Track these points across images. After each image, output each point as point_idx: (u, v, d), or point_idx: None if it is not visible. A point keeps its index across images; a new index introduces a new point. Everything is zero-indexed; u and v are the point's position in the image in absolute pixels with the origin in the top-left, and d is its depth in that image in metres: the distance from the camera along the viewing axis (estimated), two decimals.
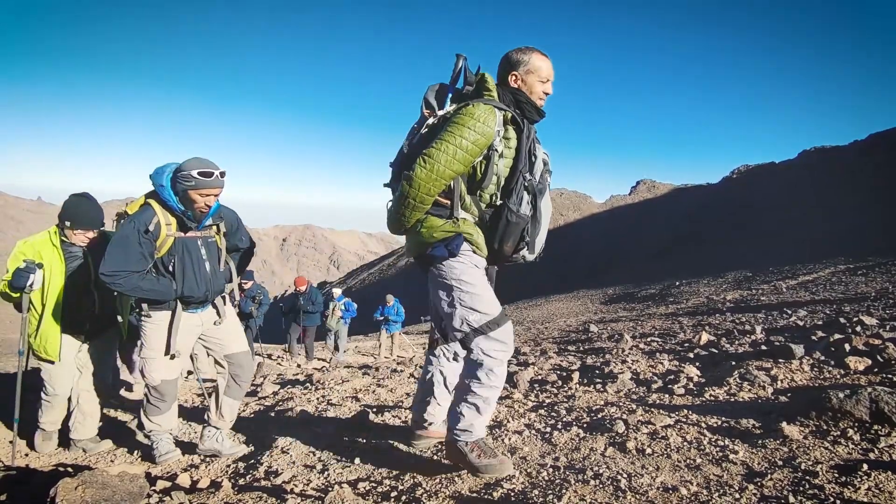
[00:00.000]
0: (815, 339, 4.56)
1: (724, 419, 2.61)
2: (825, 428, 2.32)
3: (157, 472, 2.81)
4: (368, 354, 12.67)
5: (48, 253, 3.09)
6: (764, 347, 4.55)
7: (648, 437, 2.45)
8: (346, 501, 1.98)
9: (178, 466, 2.89)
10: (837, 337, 4.12)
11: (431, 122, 2.25)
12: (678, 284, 19.87)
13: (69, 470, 2.55)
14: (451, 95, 2.31)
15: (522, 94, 2.28)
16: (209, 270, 2.84)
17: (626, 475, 2.05)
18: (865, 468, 1.88)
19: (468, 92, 2.26)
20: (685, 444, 2.34)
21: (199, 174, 2.61)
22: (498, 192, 2.22)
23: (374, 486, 2.18)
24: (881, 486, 1.78)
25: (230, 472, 2.71)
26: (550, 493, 1.95)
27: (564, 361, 5.16)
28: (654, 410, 2.86)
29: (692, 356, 4.59)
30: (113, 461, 3.13)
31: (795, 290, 12.48)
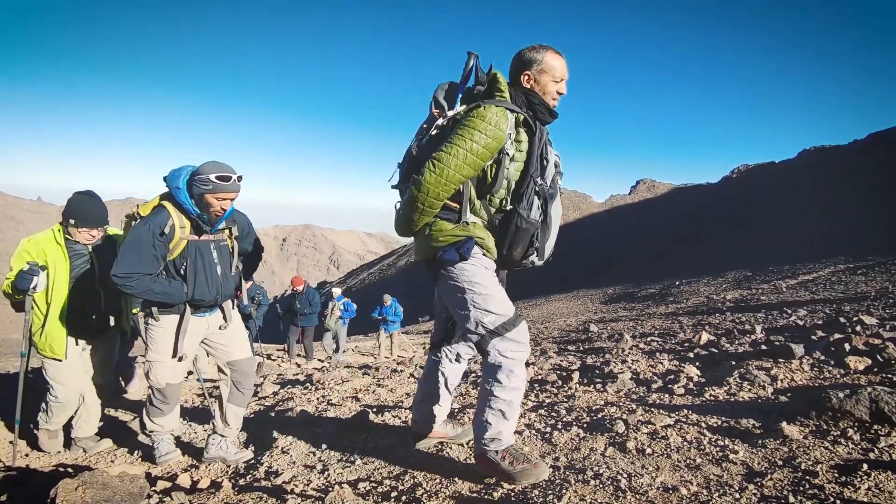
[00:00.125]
0: (815, 338, 4.57)
1: (724, 419, 2.61)
2: (825, 428, 2.32)
3: (157, 472, 2.81)
4: (368, 354, 12.68)
5: (52, 251, 3.08)
6: (764, 347, 4.55)
7: (648, 437, 2.45)
8: (346, 501, 1.98)
9: (178, 467, 2.89)
10: (837, 336, 4.12)
11: (441, 122, 2.19)
12: (678, 284, 19.87)
13: (69, 470, 2.55)
14: (461, 95, 2.24)
15: (535, 94, 2.21)
16: (220, 274, 2.82)
17: (626, 475, 2.05)
18: (865, 468, 1.89)
19: (479, 92, 2.19)
20: (685, 444, 2.34)
21: (216, 178, 2.60)
22: (508, 196, 2.17)
23: (374, 486, 2.18)
24: (881, 485, 1.78)
25: (230, 472, 2.71)
26: (551, 493, 1.95)
27: (564, 361, 5.16)
28: (654, 410, 2.86)
29: (692, 356, 4.59)
30: (113, 461, 3.13)
31: (795, 289, 12.48)
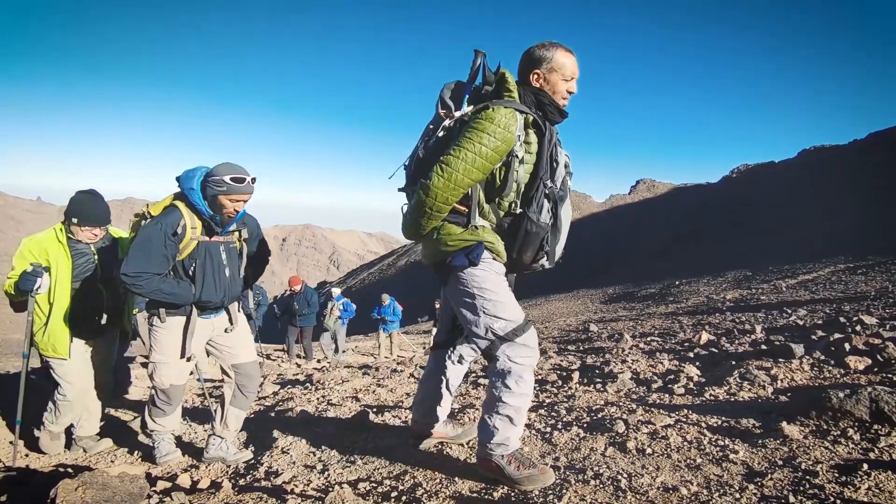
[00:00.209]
0: (814, 338, 4.57)
1: (724, 419, 2.61)
2: (825, 427, 2.32)
3: (157, 472, 2.81)
4: (368, 354, 12.68)
5: (54, 250, 3.07)
6: (764, 347, 4.55)
7: (648, 436, 2.45)
8: (346, 501, 1.98)
9: (178, 467, 2.89)
10: (837, 336, 4.12)
11: (448, 124, 2.14)
12: (678, 284, 19.87)
13: (69, 471, 2.55)
14: (468, 94, 2.18)
15: (545, 94, 2.16)
16: (228, 276, 2.82)
17: (626, 475, 2.05)
18: (865, 468, 1.89)
19: (487, 92, 2.14)
20: (685, 443, 2.34)
21: (231, 180, 2.59)
22: (518, 199, 2.12)
23: (374, 486, 2.18)
24: (881, 485, 1.78)
25: (230, 472, 2.71)
26: (551, 493, 1.95)
27: (564, 361, 5.16)
28: (654, 410, 2.86)
29: (692, 356, 4.59)
30: (113, 461, 3.13)
31: (795, 289, 12.48)
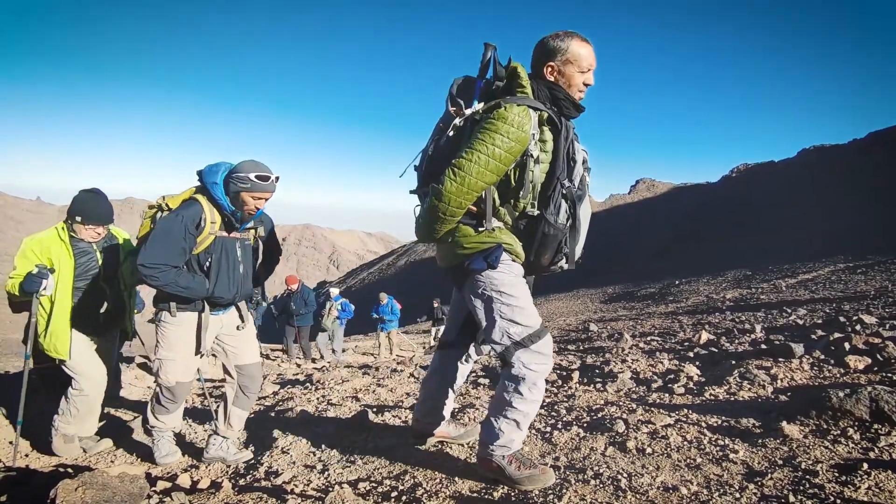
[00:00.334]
0: (814, 337, 4.57)
1: (724, 418, 2.61)
2: (825, 427, 2.32)
3: (157, 472, 2.81)
4: (368, 354, 12.68)
5: (57, 249, 3.06)
6: (764, 346, 4.55)
7: (648, 436, 2.46)
8: (346, 501, 1.98)
9: (178, 467, 2.89)
10: (837, 336, 4.12)
11: (458, 122, 2.06)
12: (678, 283, 19.88)
13: (69, 471, 2.55)
14: (479, 91, 2.08)
15: (560, 88, 2.06)
16: (242, 273, 2.82)
17: (626, 475, 2.05)
18: (865, 467, 1.89)
19: (498, 87, 2.04)
20: (685, 443, 2.34)
21: (256, 177, 2.60)
22: (534, 200, 2.04)
23: (374, 486, 2.18)
24: (881, 485, 1.78)
25: (230, 472, 2.71)
26: (551, 492, 1.95)
27: (564, 361, 5.16)
28: (654, 410, 2.86)
29: (692, 355, 4.59)
30: (113, 461, 3.13)
31: (795, 288, 12.48)
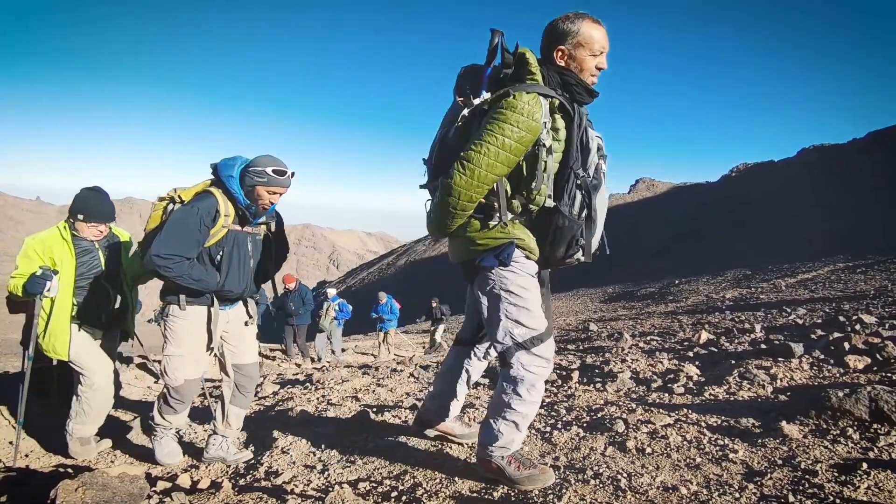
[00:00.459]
0: (814, 337, 4.57)
1: (723, 418, 2.61)
2: (825, 427, 2.32)
3: (157, 472, 2.81)
4: (368, 354, 12.68)
5: (58, 248, 3.05)
6: (763, 346, 4.55)
7: (648, 436, 2.46)
8: (346, 501, 1.98)
9: (178, 467, 2.89)
10: (837, 335, 4.12)
11: (466, 113, 2.00)
12: (677, 283, 19.89)
13: (69, 471, 2.55)
14: (486, 79, 2.02)
15: (571, 73, 1.98)
16: (252, 268, 2.82)
17: (626, 474, 2.05)
18: (865, 467, 1.89)
19: (506, 75, 1.97)
20: (685, 443, 2.34)
21: (273, 171, 2.61)
22: (549, 191, 1.97)
23: (374, 486, 2.18)
24: (881, 484, 1.78)
25: (230, 472, 2.71)
26: (550, 492, 1.95)
27: (564, 360, 5.16)
28: (653, 410, 2.86)
29: (692, 355, 4.60)
30: (113, 461, 3.13)
31: (795, 288, 12.49)
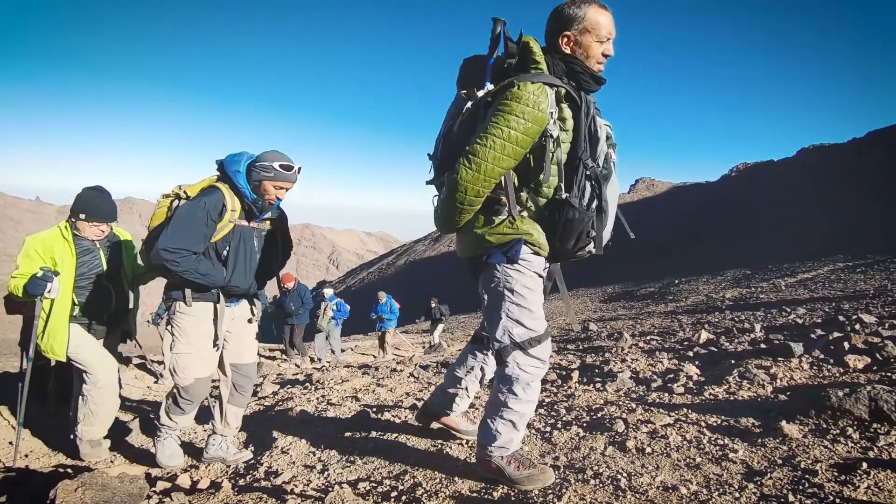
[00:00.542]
0: (814, 337, 4.57)
1: (723, 418, 2.61)
2: (824, 426, 2.32)
3: (156, 472, 2.81)
4: (368, 354, 12.68)
5: (59, 247, 3.04)
6: (763, 346, 4.55)
7: (648, 436, 2.46)
8: (346, 501, 1.98)
9: (178, 468, 2.89)
10: (836, 335, 4.12)
11: (470, 106, 1.97)
12: (677, 283, 19.90)
13: (69, 471, 2.55)
14: (490, 70, 1.97)
15: (577, 61, 1.94)
16: (258, 263, 2.82)
17: (625, 474, 2.05)
18: (865, 466, 1.89)
19: (510, 65, 1.92)
20: (685, 442, 2.34)
21: (280, 166, 2.64)
22: (560, 182, 1.92)
23: (374, 486, 2.18)
24: (880, 484, 1.78)
25: (230, 472, 2.71)
26: (550, 492, 1.95)
27: (564, 360, 5.16)
28: (653, 409, 2.86)
29: (691, 355, 4.60)
30: (113, 462, 3.13)
31: (794, 288, 12.50)
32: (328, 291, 11.50)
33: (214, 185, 2.68)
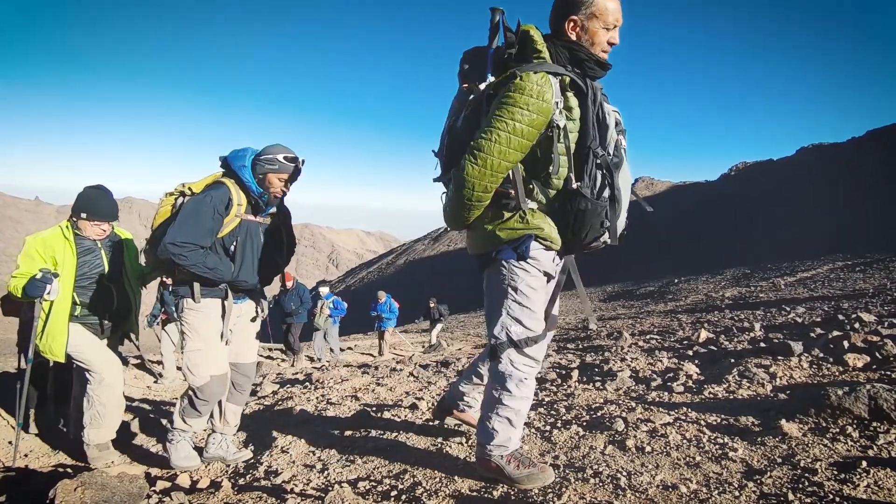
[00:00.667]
0: (813, 336, 4.57)
1: (723, 417, 2.61)
2: (824, 425, 2.32)
3: (156, 472, 2.81)
4: (368, 353, 12.68)
5: (60, 247, 3.03)
6: (763, 345, 4.55)
7: (648, 435, 2.46)
8: (346, 501, 1.98)
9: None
10: (836, 334, 4.12)
11: (472, 99, 1.94)
12: (677, 282, 19.92)
13: (69, 471, 2.55)
14: (490, 61, 1.93)
15: (582, 48, 1.89)
16: (264, 257, 2.83)
17: (625, 473, 2.05)
18: (864, 465, 1.89)
19: (511, 55, 1.88)
20: (685, 441, 2.34)
21: (284, 158, 2.67)
22: (570, 173, 1.88)
23: (374, 485, 2.18)
24: (880, 482, 1.78)
25: (230, 471, 2.71)
26: (550, 491, 1.95)
27: (563, 359, 5.16)
28: (653, 408, 2.86)
29: (691, 354, 4.60)
30: (113, 461, 3.13)
31: (794, 286, 12.51)
32: (324, 289, 11.42)
33: (220, 180, 2.70)
